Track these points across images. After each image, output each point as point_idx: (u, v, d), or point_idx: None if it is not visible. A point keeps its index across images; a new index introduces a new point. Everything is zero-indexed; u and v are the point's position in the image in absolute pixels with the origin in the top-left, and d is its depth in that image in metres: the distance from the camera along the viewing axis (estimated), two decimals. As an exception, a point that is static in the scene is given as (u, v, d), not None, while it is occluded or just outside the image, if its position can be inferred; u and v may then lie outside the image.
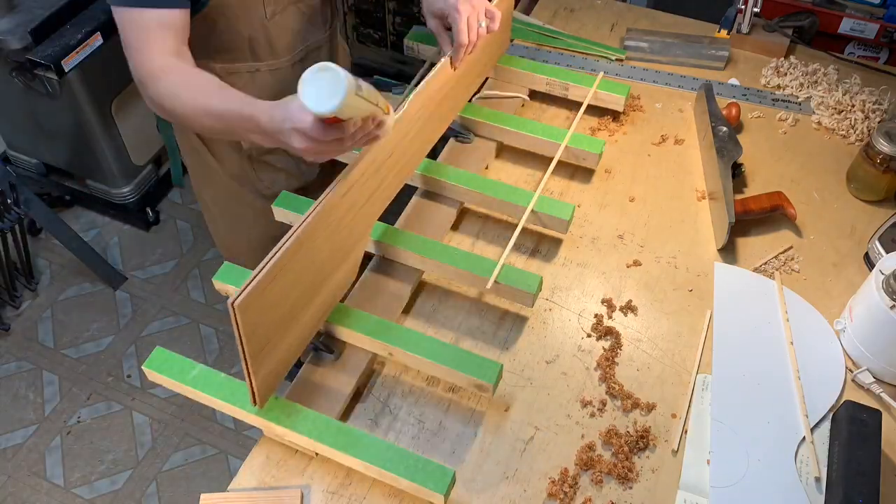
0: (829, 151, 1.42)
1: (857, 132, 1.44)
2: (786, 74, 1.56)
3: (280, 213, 1.23)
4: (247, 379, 0.92)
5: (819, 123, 1.47)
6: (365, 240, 1.13)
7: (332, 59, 1.44)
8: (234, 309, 0.82)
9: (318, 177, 1.50)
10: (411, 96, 1.11)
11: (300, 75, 0.80)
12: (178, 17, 1.06)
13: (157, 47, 1.05)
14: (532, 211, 1.21)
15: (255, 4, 1.20)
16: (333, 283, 1.06)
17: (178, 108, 1.04)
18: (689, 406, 1.06)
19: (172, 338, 2.29)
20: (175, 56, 1.06)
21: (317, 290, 1.01)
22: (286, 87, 1.27)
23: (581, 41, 1.61)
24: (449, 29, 1.19)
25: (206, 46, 1.21)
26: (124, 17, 1.04)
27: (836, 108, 1.48)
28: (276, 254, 0.87)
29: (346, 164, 1.01)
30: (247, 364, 0.89)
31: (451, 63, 1.21)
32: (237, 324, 0.83)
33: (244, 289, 0.83)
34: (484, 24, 1.19)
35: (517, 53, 1.56)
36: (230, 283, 1.12)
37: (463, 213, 1.31)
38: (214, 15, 1.17)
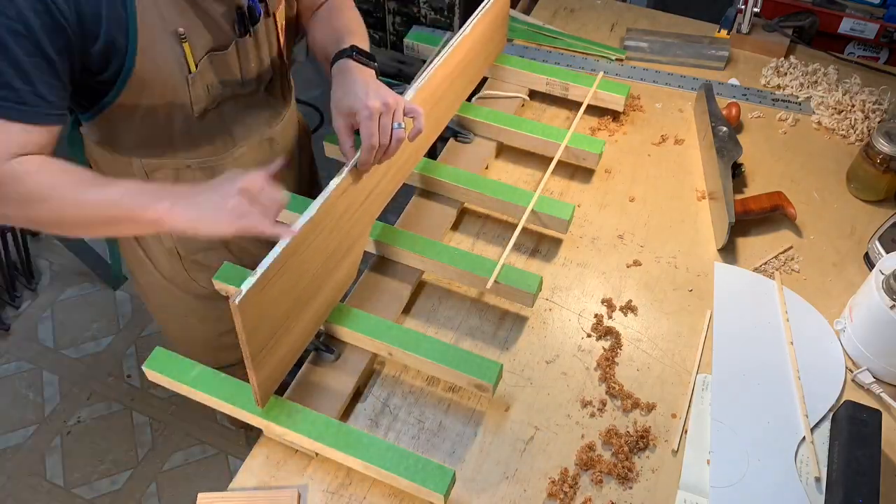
0: (829, 151, 1.42)
1: (857, 132, 1.44)
2: (786, 74, 1.56)
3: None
4: (251, 378, 0.92)
5: (819, 123, 1.47)
6: (364, 239, 1.13)
7: (289, 144, 1.29)
8: (235, 308, 0.82)
9: None
10: (408, 94, 1.11)
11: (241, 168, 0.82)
12: (43, 135, 0.91)
13: (14, 151, 0.89)
14: (532, 211, 1.21)
15: (178, 98, 1.03)
16: (333, 282, 1.06)
17: (43, 211, 0.89)
18: (689, 406, 1.06)
19: (172, 338, 2.29)
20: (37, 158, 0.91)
21: (317, 290, 1.01)
22: None
23: (581, 41, 1.61)
24: (357, 132, 1.01)
25: (122, 139, 1.08)
26: None
27: (836, 108, 1.48)
28: (276, 253, 0.87)
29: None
30: (249, 362, 0.89)
31: (358, 169, 1.00)
32: (239, 323, 0.83)
33: (245, 288, 0.83)
34: (401, 126, 1.00)
35: (516, 53, 1.56)
36: (230, 282, 1.12)
37: (463, 213, 1.31)
38: (126, 111, 1.03)
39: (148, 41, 0.95)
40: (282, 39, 1.15)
